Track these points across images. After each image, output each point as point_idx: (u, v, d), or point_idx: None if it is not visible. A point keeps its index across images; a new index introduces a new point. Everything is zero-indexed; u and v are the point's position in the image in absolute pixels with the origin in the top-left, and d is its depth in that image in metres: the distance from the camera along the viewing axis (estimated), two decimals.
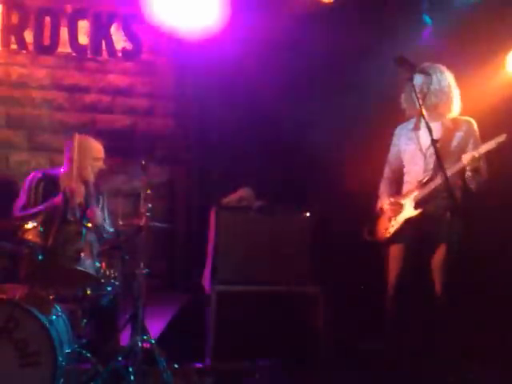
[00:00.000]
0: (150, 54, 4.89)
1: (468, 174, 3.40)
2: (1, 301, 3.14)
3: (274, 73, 4.73)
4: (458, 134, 3.54)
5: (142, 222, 3.52)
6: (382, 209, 3.70)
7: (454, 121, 3.59)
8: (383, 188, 3.79)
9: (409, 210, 3.55)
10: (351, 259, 4.39)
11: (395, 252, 3.60)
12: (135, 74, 4.88)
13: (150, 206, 3.54)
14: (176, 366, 3.59)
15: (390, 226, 3.62)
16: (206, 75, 4.80)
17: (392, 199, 3.66)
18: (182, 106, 4.90)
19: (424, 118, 3.21)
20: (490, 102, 4.42)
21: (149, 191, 3.57)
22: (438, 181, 3.40)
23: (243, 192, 4.29)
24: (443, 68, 3.61)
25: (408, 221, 3.54)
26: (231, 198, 4.27)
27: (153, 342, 3.51)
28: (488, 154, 3.37)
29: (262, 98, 4.79)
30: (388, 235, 3.62)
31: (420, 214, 3.50)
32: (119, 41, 4.80)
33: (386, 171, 3.81)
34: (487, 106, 4.44)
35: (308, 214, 4.24)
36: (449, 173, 3.27)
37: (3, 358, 3.04)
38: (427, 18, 4.80)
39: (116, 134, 4.78)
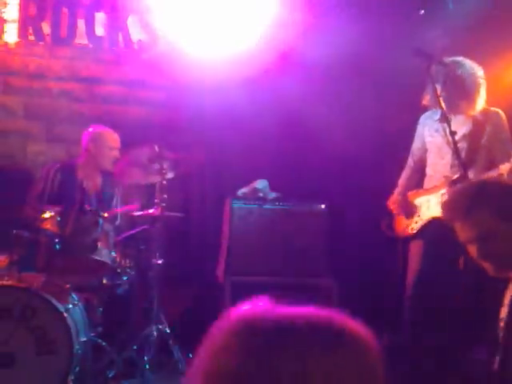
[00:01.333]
0: (166, 46, 4.89)
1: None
2: (18, 289, 3.17)
3: (291, 67, 4.72)
4: (488, 128, 3.36)
5: (157, 213, 3.54)
6: (394, 201, 3.55)
7: (484, 112, 3.40)
8: (403, 178, 3.63)
9: (435, 209, 3.32)
10: (366, 251, 4.38)
11: (416, 250, 3.42)
12: (151, 65, 4.89)
13: (165, 196, 3.56)
14: (190, 355, 3.62)
15: (413, 222, 3.44)
16: (222, 68, 4.80)
17: (403, 197, 3.49)
18: (197, 98, 4.90)
19: (443, 109, 3.10)
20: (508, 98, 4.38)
21: (164, 182, 3.59)
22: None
23: (258, 183, 4.29)
24: (465, 60, 3.42)
25: (434, 219, 3.32)
26: (246, 190, 4.27)
27: (167, 331, 3.53)
28: None
29: (279, 91, 4.79)
30: (411, 232, 3.44)
31: None
32: (135, 33, 4.81)
33: (409, 161, 3.64)
34: (505, 102, 4.41)
35: (323, 206, 4.23)
36: (482, 177, 3.16)
37: (20, 346, 3.08)
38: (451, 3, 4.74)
39: (131, 126, 4.79)
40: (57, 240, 3.31)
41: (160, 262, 3.53)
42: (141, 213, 3.68)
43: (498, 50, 4.49)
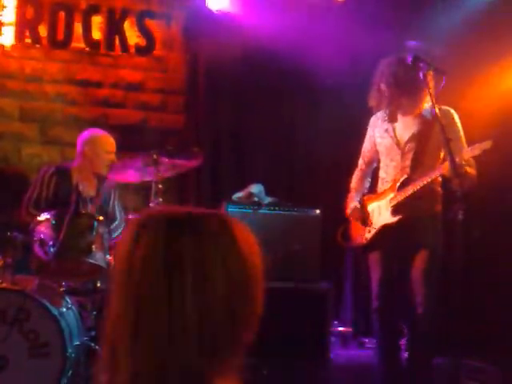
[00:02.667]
0: (163, 49, 4.91)
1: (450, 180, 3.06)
2: (12, 292, 3.16)
3: (286, 70, 4.74)
4: (438, 128, 3.17)
5: None
6: (349, 212, 3.45)
7: (433, 112, 3.21)
8: (356, 181, 3.52)
9: (385, 216, 3.27)
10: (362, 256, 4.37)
11: (374, 260, 3.32)
12: (148, 69, 4.90)
13: (160, 200, 3.55)
14: None
15: (367, 230, 3.35)
16: (217, 70, 4.82)
17: (356, 204, 3.40)
18: (193, 101, 4.91)
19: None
20: (504, 102, 4.41)
21: (160, 186, 3.58)
22: (417, 185, 3.13)
23: (253, 188, 4.29)
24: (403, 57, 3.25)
25: (385, 226, 3.27)
26: (241, 194, 4.27)
27: None
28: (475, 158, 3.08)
29: (273, 94, 4.81)
30: (365, 241, 3.34)
31: (398, 220, 3.21)
32: (132, 36, 4.82)
33: (360, 163, 3.53)
34: (501, 106, 4.44)
35: (318, 211, 4.24)
36: (425, 180, 3.10)
37: (13, 349, 3.06)
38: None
39: (128, 129, 4.80)
40: (51, 243, 3.30)
41: None
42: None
43: (492, 56, 4.52)
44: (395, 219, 3.23)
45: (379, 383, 3.32)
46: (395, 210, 3.23)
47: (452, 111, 3.28)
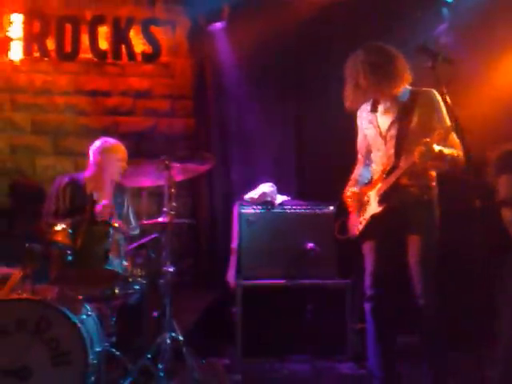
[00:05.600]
0: (169, 55, 4.95)
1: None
2: (33, 301, 3.20)
3: (294, 70, 4.77)
4: (418, 111, 3.16)
5: (167, 220, 3.57)
6: (346, 196, 3.44)
7: (412, 95, 3.23)
8: (355, 173, 3.51)
9: (373, 206, 3.27)
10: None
11: (367, 250, 3.31)
12: (155, 76, 4.95)
13: (174, 204, 3.58)
14: (204, 362, 3.62)
15: (359, 222, 3.34)
16: (224, 75, 4.86)
17: (354, 190, 3.39)
18: (201, 105, 4.95)
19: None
20: (506, 98, 4.38)
21: (172, 190, 3.61)
22: (400, 171, 3.11)
23: (265, 187, 4.30)
24: (377, 45, 3.26)
25: (373, 216, 3.26)
26: (253, 194, 4.29)
27: (181, 339, 3.55)
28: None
29: (283, 95, 4.83)
30: (357, 232, 3.33)
31: (383, 210, 3.20)
32: (138, 44, 4.87)
33: (359, 157, 3.53)
34: (503, 102, 4.41)
35: (331, 208, 4.23)
36: (401, 171, 3.08)
37: (36, 358, 3.10)
38: (446, 11, 4.76)
39: (138, 136, 4.85)
40: (69, 252, 3.34)
41: (171, 269, 3.55)
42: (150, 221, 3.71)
43: (504, 45, 4.50)
44: (380, 209, 3.22)
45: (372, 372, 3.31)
46: (381, 199, 3.22)
47: (433, 91, 3.21)
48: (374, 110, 3.32)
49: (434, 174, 3.27)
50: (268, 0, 4.74)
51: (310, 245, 4.10)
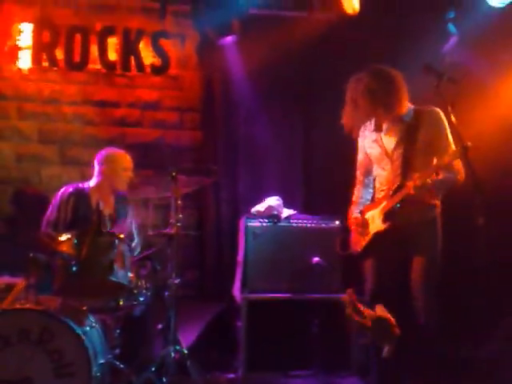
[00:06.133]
0: (178, 68, 4.97)
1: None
2: (36, 312, 3.18)
3: (302, 84, 4.78)
4: (423, 130, 3.21)
5: (173, 232, 3.55)
6: (350, 221, 3.47)
7: (417, 115, 3.27)
8: (356, 194, 3.54)
9: (377, 223, 3.29)
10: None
11: (367, 268, 3.33)
12: (163, 88, 4.96)
13: (180, 216, 3.57)
14: (208, 376, 3.59)
15: (363, 239, 3.37)
16: (233, 88, 4.88)
17: (357, 215, 3.42)
18: (209, 118, 4.96)
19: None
20: None
21: (179, 202, 3.61)
22: (406, 191, 3.12)
23: (272, 201, 4.30)
24: (377, 68, 3.31)
25: (376, 234, 3.28)
26: (260, 208, 4.28)
27: (185, 352, 3.52)
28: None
29: (291, 109, 4.84)
30: (359, 249, 3.36)
31: (387, 227, 3.22)
32: (148, 56, 4.89)
33: (358, 175, 3.56)
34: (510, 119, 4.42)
35: (337, 223, 4.22)
36: (404, 194, 3.10)
37: (39, 369, 3.07)
38: (452, 28, 4.79)
39: (145, 147, 4.86)
40: (73, 262, 3.32)
41: (176, 281, 3.53)
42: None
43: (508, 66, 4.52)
44: (385, 226, 3.24)
45: None
46: (386, 217, 3.24)
47: (437, 110, 3.26)
48: (378, 129, 3.36)
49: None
50: (277, 16, 4.78)
51: (316, 259, 4.09)
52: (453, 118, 3.06)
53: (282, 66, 4.76)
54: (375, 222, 3.31)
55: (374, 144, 3.38)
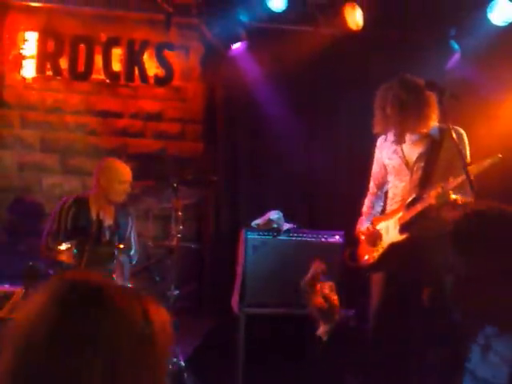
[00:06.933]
0: (181, 80, 4.98)
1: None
2: None
3: (306, 97, 4.80)
4: (446, 146, 3.23)
5: (173, 244, 3.55)
6: (361, 232, 3.44)
7: (441, 130, 3.28)
8: (368, 205, 3.52)
9: (393, 234, 3.26)
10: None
11: (376, 281, 3.30)
12: (166, 99, 4.97)
13: (180, 227, 3.57)
14: None
15: (375, 250, 3.33)
16: (235, 99, 4.89)
17: (370, 226, 3.38)
18: (211, 130, 4.97)
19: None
20: None
21: (179, 213, 3.61)
22: (425, 203, 3.10)
23: (272, 214, 4.29)
24: (407, 78, 3.31)
25: (392, 245, 3.25)
26: (260, 221, 4.27)
27: (182, 364, 3.50)
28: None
29: (291, 123, 4.85)
30: (372, 260, 3.32)
31: (405, 238, 3.20)
32: (151, 67, 4.90)
33: (371, 186, 3.54)
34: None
35: (338, 237, 4.22)
36: (423, 206, 3.08)
37: None
38: (455, 45, 4.81)
39: (147, 158, 4.86)
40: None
41: (175, 293, 3.52)
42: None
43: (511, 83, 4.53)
44: (403, 237, 3.21)
45: None
46: (403, 228, 3.22)
47: (461, 130, 3.28)
48: (401, 141, 3.35)
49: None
50: (282, 30, 4.80)
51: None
52: (454, 135, 3.08)
53: (285, 78, 4.77)
54: (390, 233, 3.28)
55: (393, 155, 3.38)
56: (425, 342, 3.11)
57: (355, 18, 4.62)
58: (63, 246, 3.39)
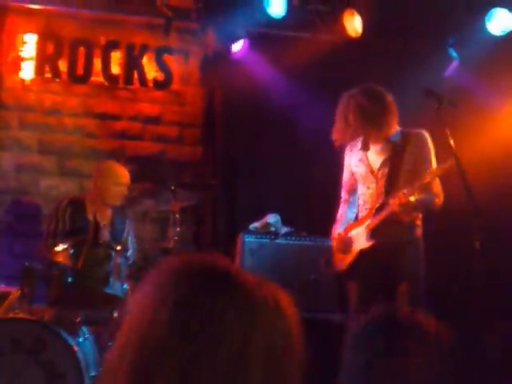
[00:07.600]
0: (180, 83, 5.00)
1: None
2: (29, 322, 3.16)
3: (303, 104, 4.81)
4: (409, 151, 3.29)
5: (170, 246, 3.55)
6: (333, 239, 3.51)
7: (404, 136, 3.34)
8: (340, 213, 3.57)
9: (361, 241, 3.33)
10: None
11: (351, 289, 3.37)
12: (165, 103, 4.98)
13: (178, 229, 3.57)
14: None
15: (347, 257, 3.40)
16: (233, 104, 4.90)
17: (340, 232, 3.44)
18: (210, 134, 4.98)
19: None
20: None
21: (177, 216, 3.61)
22: (389, 209, 3.18)
23: (270, 218, 4.30)
24: (369, 87, 3.37)
25: (361, 252, 3.32)
26: (258, 224, 4.28)
27: None
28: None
29: (290, 126, 4.86)
30: (344, 267, 3.39)
31: (372, 245, 3.27)
32: (151, 71, 4.92)
33: (343, 194, 3.60)
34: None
35: None
36: (386, 214, 3.15)
37: (30, 379, 3.05)
38: (453, 53, 4.85)
39: (145, 161, 4.86)
40: (69, 273, 3.31)
41: None
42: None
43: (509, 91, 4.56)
44: (370, 244, 3.28)
45: None
46: (371, 235, 3.29)
47: (423, 133, 3.33)
48: (365, 148, 3.40)
49: (419, 214, 3.34)
50: (282, 36, 4.82)
51: (313, 277, 4.08)
52: (451, 142, 3.10)
53: (284, 84, 4.79)
54: (360, 239, 3.34)
55: (359, 163, 3.43)
56: None
57: (354, 24, 4.65)
58: (59, 247, 3.38)
